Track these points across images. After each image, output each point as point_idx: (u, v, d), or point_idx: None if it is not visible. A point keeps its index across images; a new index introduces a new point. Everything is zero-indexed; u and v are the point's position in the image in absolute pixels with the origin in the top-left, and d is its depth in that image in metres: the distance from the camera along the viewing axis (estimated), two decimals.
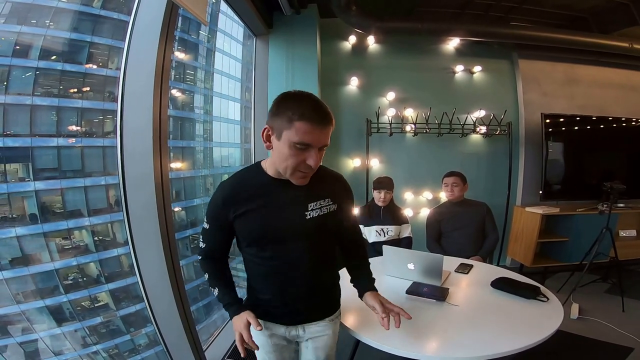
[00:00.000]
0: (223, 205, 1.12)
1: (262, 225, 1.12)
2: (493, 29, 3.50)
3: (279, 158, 1.04)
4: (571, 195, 3.88)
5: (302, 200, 1.14)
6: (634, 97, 4.24)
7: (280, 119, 1.00)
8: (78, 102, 6.77)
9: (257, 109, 3.72)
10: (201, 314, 8.16)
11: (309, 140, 0.98)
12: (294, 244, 1.15)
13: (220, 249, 1.25)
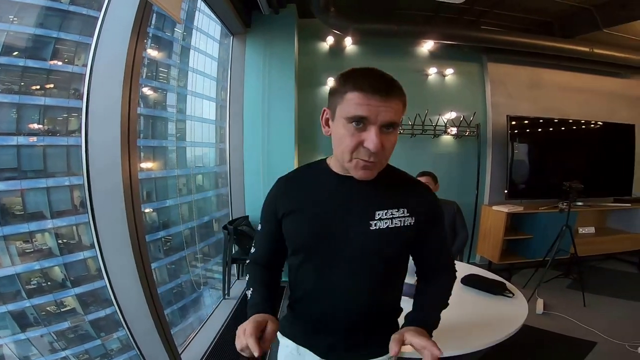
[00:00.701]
0: (274, 201, 0.96)
1: (311, 228, 0.90)
2: (465, 33, 3.62)
3: (336, 143, 0.85)
4: (534, 194, 4.06)
5: (368, 205, 0.89)
6: (592, 101, 4.48)
7: (335, 95, 0.85)
8: (41, 99, 6.44)
9: (232, 108, 3.68)
10: (177, 317, 7.96)
11: (364, 112, 0.78)
12: (345, 260, 0.90)
13: (268, 257, 1.03)
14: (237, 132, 3.65)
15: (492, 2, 3.52)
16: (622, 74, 4.57)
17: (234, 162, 3.69)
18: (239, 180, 3.67)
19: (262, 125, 3.59)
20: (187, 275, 9.41)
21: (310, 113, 3.98)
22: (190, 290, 9.05)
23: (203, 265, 10.17)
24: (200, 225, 10.76)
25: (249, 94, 3.61)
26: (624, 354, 2.45)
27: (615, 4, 3.32)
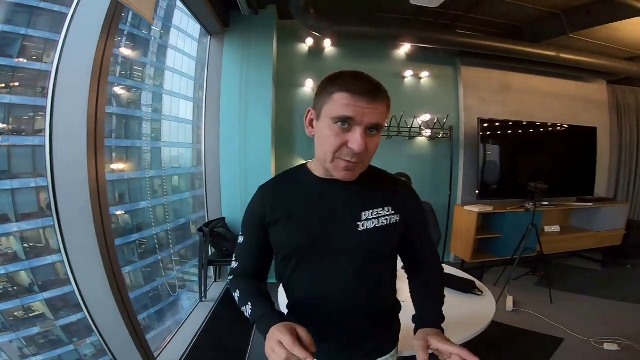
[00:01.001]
0: (258, 210, 0.93)
1: (300, 234, 0.90)
2: (440, 36, 3.68)
3: (319, 143, 0.85)
4: (503, 195, 4.20)
5: (354, 207, 0.90)
6: (558, 104, 4.68)
7: (321, 96, 0.84)
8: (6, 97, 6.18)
9: (208, 108, 3.64)
10: (154, 320, 7.78)
11: (350, 113, 0.79)
12: (338, 262, 0.90)
13: (255, 268, 1.00)
14: (213, 133, 3.61)
15: (466, 7, 3.61)
16: (585, 78, 4.79)
17: (210, 163, 3.65)
18: (215, 182, 3.63)
19: (239, 126, 3.56)
20: (163, 278, 9.21)
21: (288, 114, 3.98)
22: (167, 294, 8.85)
23: (180, 268, 9.96)
24: (177, 228, 10.53)
25: (226, 94, 3.58)
26: (590, 350, 2.52)
27: (582, 10, 3.45)
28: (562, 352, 2.50)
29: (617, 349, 2.48)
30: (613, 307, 3.22)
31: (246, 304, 0.91)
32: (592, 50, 4.13)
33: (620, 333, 2.65)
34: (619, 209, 4.42)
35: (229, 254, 3.30)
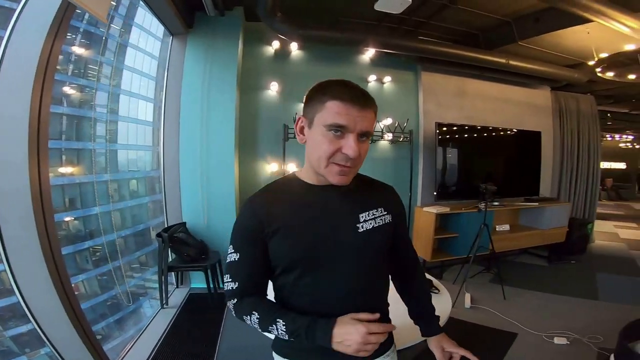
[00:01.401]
0: (253, 223, 0.90)
1: (303, 242, 0.89)
2: (402, 42, 3.80)
3: (312, 149, 0.88)
4: (459, 196, 4.40)
5: (351, 210, 0.94)
6: (508, 109, 4.98)
7: (312, 104, 0.87)
8: None
9: (168, 109, 3.53)
10: (114, 329, 7.39)
11: (343, 121, 0.83)
12: (344, 265, 0.91)
13: (258, 283, 0.96)
14: (173, 135, 3.50)
15: (428, 14, 3.74)
16: (531, 85, 5.12)
17: (169, 166, 3.53)
18: (175, 185, 3.52)
19: (201, 128, 3.48)
20: (122, 286, 8.78)
21: (252, 117, 3.94)
22: (127, 302, 8.44)
23: (141, 276, 9.53)
24: (135, 234, 10.07)
25: (187, 95, 3.49)
26: (542, 344, 2.64)
27: (530, 18, 3.67)
28: (516, 347, 2.61)
29: (567, 342, 2.61)
30: (560, 302, 3.43)
31: (275, 322, 0.88)
32: (538, 57, 4.40)
33: (568, 327, 2.80)
34: (561, 207, 4.77)
35: (190, 260, 3.22)
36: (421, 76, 4.47)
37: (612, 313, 3.10)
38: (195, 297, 3.40)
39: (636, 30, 2.96)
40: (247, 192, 3.93)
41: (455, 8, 3.53)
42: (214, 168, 3.51)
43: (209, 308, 3.14)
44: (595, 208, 5.85)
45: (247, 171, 3.93)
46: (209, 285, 3.17)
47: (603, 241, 5.93)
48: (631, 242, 5.90)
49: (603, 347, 2.48)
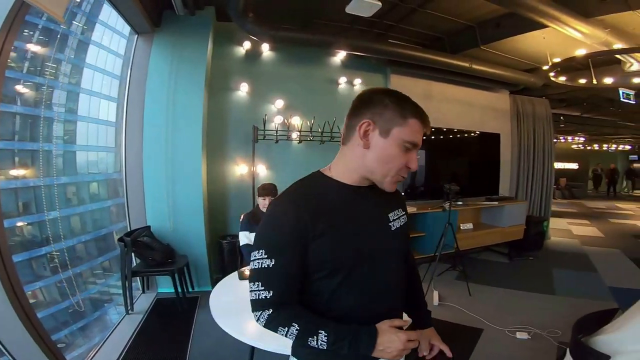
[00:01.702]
0: (296, 226, 0.83)
1: (350, 243, 0.88)
2: (371, 45, 3.86)
3: (379, 159, 0.87)
4: (426, 196, 4.56)
5: (383, 210, 0.97)
6: (471, 112, 5.20)
7: (390, 113, 0.86)
8: None
9: (130, 110, 3.41)
10: (77, 337, 7.00)
11: (419, 140, 0.88)
12: (384, 264, 0.93)
13: (293, 293, 0.89)
14: (135, 136, 3.38)
15: (398, 18, 3.84)
16: (492, 89, 5.38)
17: (132, 168, 3.40)
18: (138, 188, 3.40)
19: (166, 129, 3.37)
20: (85, 292, 8.36)
21: (221, 118, 3.88)
22: (91, 308, 8.05)
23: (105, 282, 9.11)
24: (97, 238, 9.60)
25: (152, 96, 3.37)
26: (505, 339, 2.71)
27: (492, 23, 3.84)
28: (483, 342, 2.68)
29: (528, 337, 2.70)
30: (520, 297, 3.59)
31: (317, 334, 0.84)
32: (498, 62, 4.62)
33: (528, 322, 2.92)
34: (519, 206, 5.04)
35: (156, 264, 3.13)
36: (390, 79, 4.58)
37: (568, 307, 3.26)
38: (163, 302, 3.30)
39: (587, 36, 3.18)
40: (216, 194, 3.86)
41: (423, 12, 3.66)
42: (180, 170, 3.42)
43: (178, 313, 3.06)
44: (550, 206, 6.21)
45: (215, 173, 3.86)
46: (176, 289, 3.09)
47: (558, 238, 6.29)
48: (583, 238, 6.30)
49: (562, 341, 2.60)
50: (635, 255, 5.13)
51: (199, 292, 3.49)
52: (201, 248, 3.54)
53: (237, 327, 1.52)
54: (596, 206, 11.10)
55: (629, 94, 4.65)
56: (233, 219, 3.91)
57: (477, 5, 3.50)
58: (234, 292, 1.97)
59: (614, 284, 3.95)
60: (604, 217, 8.82)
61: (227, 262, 3.69)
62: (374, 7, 2.93)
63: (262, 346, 1.40)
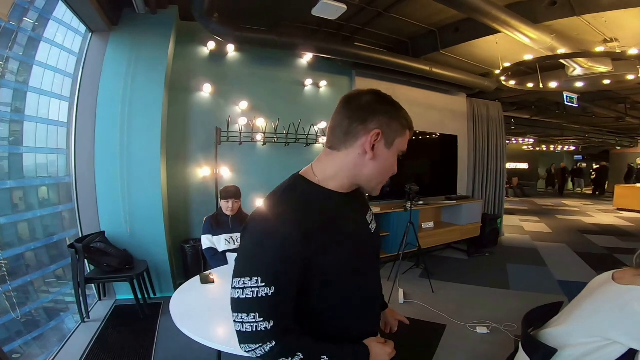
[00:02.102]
0: (299, 238, 0.75)
1: (350, 251, 0.84)
2: (338, 48, 3.91)
3: (381, 169, 0.87)
4: (390, 196, 4.63)
5: (363, 213, 0.98)
6: (431, 115, 5.40)
7: (395, 124, 0.87)
8: None
9: (80, 111, 3.23)
10: (33, 347, 6.55)
11: (406, 149, 0.93)
12: (373, 265, 0.97)
13: (292, 312, 0.81)
14: (87, 138, 3.21)
15: (364, 21, 3.92)
16: (451, 92, 5.61)
17: (83, 171, 3.23)
18: (90, 192, 3.22)
19: (121, 131, 3.22)
20: (39, 301, 7.83)
21: (183, 119, 3.77)
22: (46, 318, 7.56)
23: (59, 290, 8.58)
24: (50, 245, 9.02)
25: (105, 96, 3.21)
26: (467, 333, 2.82)
27: (451, 28, 4.02)
28: (447, 337, 2.78)
29: (487, 331, 2.81)
30: (479, 293, 3.75)
31: (320, 357, 0.78)
32: (457, 66, 4.84)
33: (487, 316, 3.04)
34: (475, 205, 5.29)
35: (112, 270, 3.00)
36: (355, 81, 4.66)
37: (522, 301, 3.43)
38: (123, 309, 3.18)
39: (535, 41, 3.40)
40: (177, 198, 3.74)
41: (389, 16, 3.76)
42: (138, 173, 3.28)
43: (140, 320, 2.96)
44: (503, 204, 6.55)
45: (177, 176, 3.75)
46: (136, 295, 2.99)
47: (511, 234, 6.68)
48: (534, 234, 6.72)
49: (517, 334, 2.70)
50: (580, 249, 5.55)
51: (161, 297, 3.38)
52: (162, 253, 3.42)
53: (201, 331, 1.50)
54: (545, 203, 11.87)
55: (572, 98, 5.02)
56: (196, 222, 3.81)
57: (438, 10, 3.65)
58: (196, 296, 1.93)
59: (562, 277, 4.20)
60: (552, 214, 9.45)
61: (190, 267, 3.59)
62: (339, 10, 2.97)
63: (229, 350, 1.38)
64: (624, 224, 8.07)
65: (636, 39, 3.52)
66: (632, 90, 6.11)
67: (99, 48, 3.25)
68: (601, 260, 4.98)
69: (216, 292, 2.00)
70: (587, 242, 6.15)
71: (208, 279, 2.10)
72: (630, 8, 2.95)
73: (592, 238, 6.42)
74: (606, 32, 3.50)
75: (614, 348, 1.16)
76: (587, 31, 3.49)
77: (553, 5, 3.20)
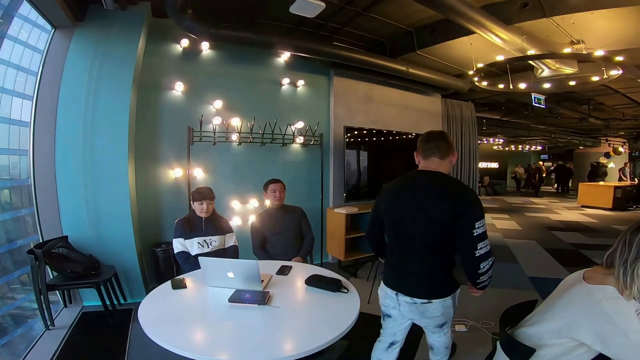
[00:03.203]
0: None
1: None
2: (315, 47, 3.87)
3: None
4: (366, 196, 4.68)
5: None
6: (407, 115, 5.47)
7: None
8: None
9: (40, 110, 3.04)
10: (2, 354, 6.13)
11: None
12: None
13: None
14: (46, 138, 3.02)
15: (343, 20, 3.91)
16: (426, 92, 5.70)
17: (42, 173, 3.03)
18: (51, 196, 3.03)
19: (84, 131, 3.05)
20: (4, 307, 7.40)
21: (153, 118, 3.62)
22: (13, 325, 7.13)
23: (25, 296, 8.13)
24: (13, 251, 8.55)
25: (67, 94, 3.03)
26: None
27: (428, 29, 4.08)
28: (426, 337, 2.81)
29: (466, 329, 2.84)
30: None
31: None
32: (432, 66, 4.93)
33: (464, 314, 3.05)
34: None
35: (77, 276, 2.85)
36: (333, 81, 4.63)
37: (497, 298, 3.49)
38: (90, 316, 3.04)
39: (506, 42, 3.50)
40: (147, 200, 3.59)
41: (367, 16, 3.77)
42: (103, 175, 3.11)
43: (109, 326, 2.83)
44: None
45: (146, 177, 3.60)
46: (104, 302, 2.86)
47: None
48: (505, 232, 6.93)
49: (495, 332, 2.77)
50: (548, 245, 5.76)
51: (132, 303, 3.25)
52: (131, 257, 3.26)
53: (174, 339, 1.43)
54: (514, 201, 12.31)
55: (540, 99, 5.21)
56: (168, 225, 3.66)
57: (415, 11, 3.70)
58: (168, 302, 1.83)
59: (533, 273, 4.33)
60: (521, 212, 9.79)
61: (163, 271, 3.46)
62: (317, 7, 2.93)
63: (204, 358, 1.33)
64: (588, 220, 8.46)
65: (602, 40, 3.68)
66: (595, 91, 6.42)
67: (61, 44, 3.07)
68: (568, 256, 5.18)
69: (189, 298, 1.91)
70: (555, 238, 6.39)
71: (180, 283, 2.00)
72: (598, 9, 3.07)
73: (558, 234, 6.68)
74: (573, 34, 3.63)
75: (584, 349, 1.16)
76: (555, 33, 3.62)
77: (525, 7, 3.29)
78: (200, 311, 1.79)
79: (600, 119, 8.94)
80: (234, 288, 1.89)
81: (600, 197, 10.28)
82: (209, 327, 1.62)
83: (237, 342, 1.46)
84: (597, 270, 1.22)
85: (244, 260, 1.92)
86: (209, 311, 1.78)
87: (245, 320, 1.63)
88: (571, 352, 1.18)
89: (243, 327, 1.58)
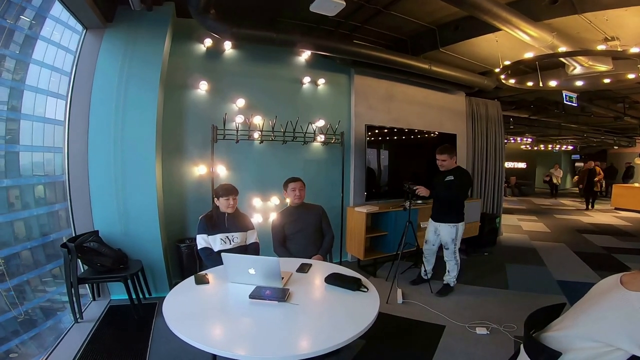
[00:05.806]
0: None
1: None
2: (336, 45, 3.85)
3: None
4: (387, 195, 4.63)
5: None
6: (430, 113, 5.36)
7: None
8: None
9: (74, 109, 3.17)
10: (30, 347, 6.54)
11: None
12: None
13: None
14: (80, 136, 3.15)
15: (363, 18, 3.87)
16: (450, 90, 5.56)
17: (76, 170, 3.17)
18: (83, 191, 3.17)
19: (115, 129, 3.17)
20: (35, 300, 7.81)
21: (178, 117, 3.72)
22: (43, 317, 7.53)
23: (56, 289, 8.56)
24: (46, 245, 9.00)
25: (99, 93, 3.15)
26: (466, 334, 2.79)
27: (451, 26, 3.97)
28: (445, 338, 2.74)
29: (487, 332, 2.78)
30: (478, 293, 3.71)
31: None
32: (456, 64, 4.80)
33: (487, 317, 3.02)
34: (474, 204, 5.24)
35: (106, 270, 2.96)
36: (354, 79, 4.61)
37: (521, 301, 3.41)
38: (117, 309, 3.14)
39: (535, 39, 3.37)
40: (173, 196, 3.69)
41: (388, 14, 3.71)
42: (132, 172, 3.23)
43: (134, 320, 2.93)
44: (501, 203, 6.53)
45: (172, 174, 3.70)
46: (130, 296, 2.94)
47: (509, 233, 6.66)
48: (532, 234, 6.72)
49: (517, 335, 2.71)
50: (578, 249, 5.54)
51: (157, 297, 3.34)
52: (157, 252, 3.37)
53: (195, 334, 1.46)
54: (542, 203, 11.88)
55: (572, 97, 5.00)
56: (192, 221, 3.76)
57: (438, 8, 3.61)
58: (191, 297, 1.88)
59: (561, 277, 4.18)
60: (550, 213, 9.45)
61: (186, 267, 3.55)
62: (338, 6, 2.92)
63: (223, 353, 1.35)
64: (622, 223, 8.07)
65: (637, 37, 3.49)
66: (631, 89, 6.10)
67: (93, 45, 3.19)
68: (599, 260, 4.96)
69: (211, 294, 1.96)
70: (586, 241, 6.14)
71: (203, 279, 2.05)
72: (631, 6, 2.93)
73: (590, 238, 6.41)
74: (607, 30, 3.46)
75: (617, 354, 1.12)
76: (588, 29, 3.46)
77: (554, 3, 3.17)
78: (221, 307, 1.83)
79: (636, 117, 8.49)
80: (255, 284, 1.92)
81: (636, 199, 9.78)
82: (229, 323, 1.65)
83: (256, 338, 1.49)
84: (636, 276, 1.17)
85: (265, 257, 1.95)
86: (230, 307, 1.82)
87: (265, 316, 1.65)
88: (603, 356, 1.15)
89: (262, 323, 1.60)
